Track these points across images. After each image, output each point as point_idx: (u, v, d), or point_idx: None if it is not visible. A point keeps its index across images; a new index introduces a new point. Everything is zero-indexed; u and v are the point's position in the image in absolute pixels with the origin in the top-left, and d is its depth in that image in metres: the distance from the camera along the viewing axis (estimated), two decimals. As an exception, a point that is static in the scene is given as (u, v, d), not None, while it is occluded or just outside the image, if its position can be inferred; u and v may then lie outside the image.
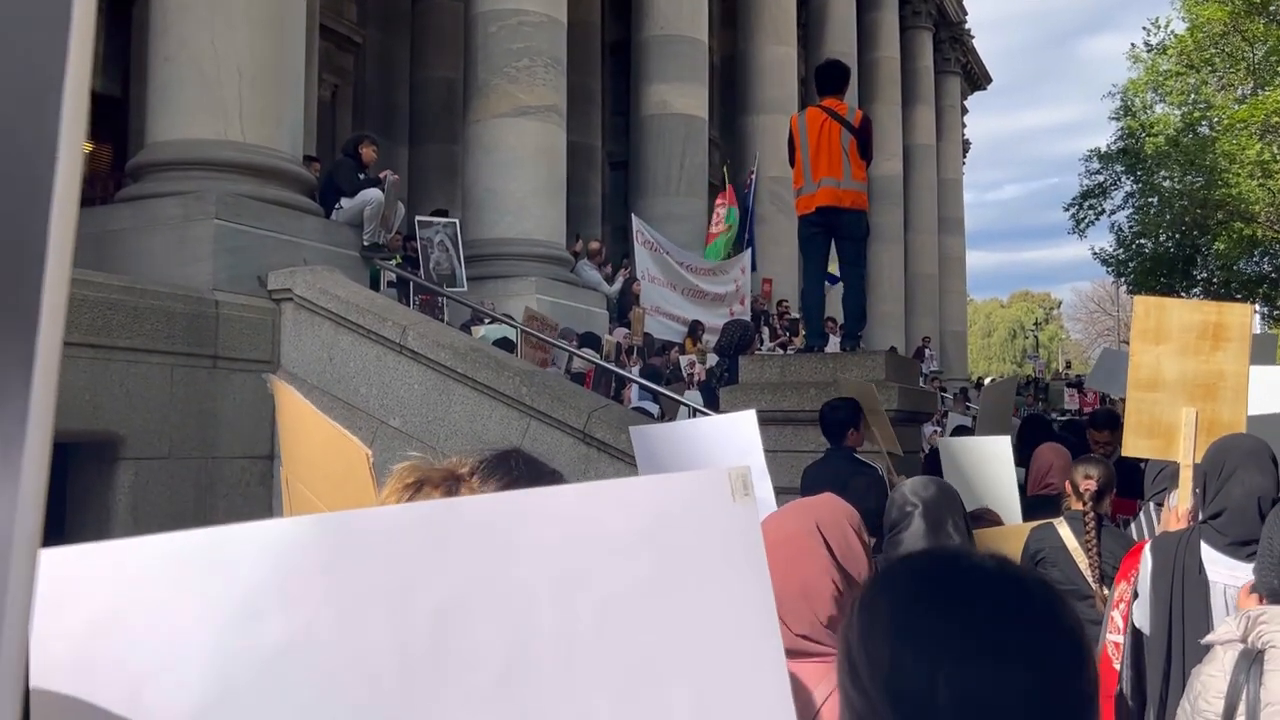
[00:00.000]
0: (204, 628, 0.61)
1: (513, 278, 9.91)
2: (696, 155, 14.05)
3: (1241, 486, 2.68)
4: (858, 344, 6.93)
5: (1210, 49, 24.88)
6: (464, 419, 6.40)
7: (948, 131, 29.56)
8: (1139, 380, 3.48)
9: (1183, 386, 3.40)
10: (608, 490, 0.72)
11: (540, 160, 10.46)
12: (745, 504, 0.75)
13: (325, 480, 1.56)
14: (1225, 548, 2.67)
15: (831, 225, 6.58)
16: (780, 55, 17.42)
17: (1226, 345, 3.39)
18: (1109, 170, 29.30)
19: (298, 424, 1.73)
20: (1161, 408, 3.42)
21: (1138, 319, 3.57)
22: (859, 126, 6.58)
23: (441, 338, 6.68)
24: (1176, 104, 27.17)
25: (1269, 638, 1.55)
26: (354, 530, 0.64)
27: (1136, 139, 27.64)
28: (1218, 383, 3.38)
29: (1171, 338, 3.44)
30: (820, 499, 1.72)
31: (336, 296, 6.68)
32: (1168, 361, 3.43)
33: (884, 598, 0.83)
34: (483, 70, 10.53)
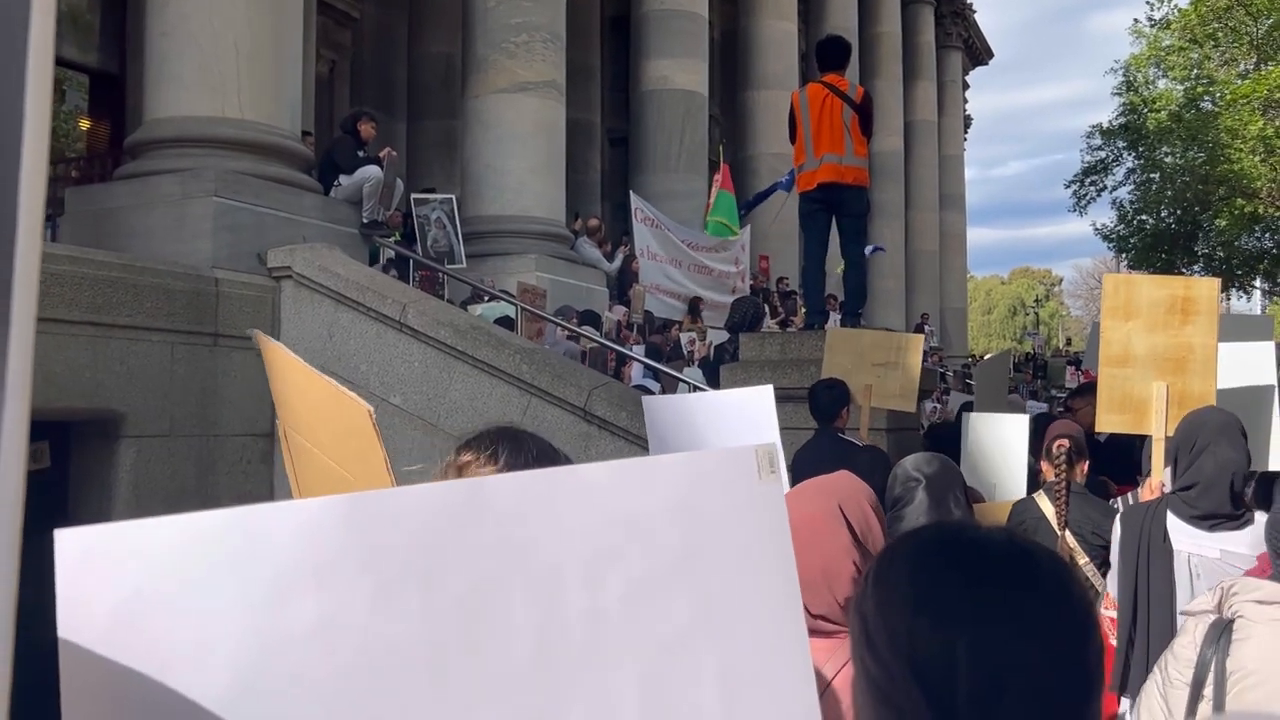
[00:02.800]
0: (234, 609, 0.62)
1: (512, 255, 9.90)
2: (697, 131, 14.01)
3: (1213, 460, 2.72)
4: (858, 321, 6.93)
5: (1213, 23, 24.76)
6: (464, 397, 6.40)
7: (949, 107, 29.43)
8: (1110, 356, 3.52)
9: (1153, 361, 3.43)
10: (636, 468, 0.72)
11: (539, 136, 10.41)
12: (771, 481, 0.75)
13: (330, 436, 1.56)
14: (1190, 519, 2.73)
15: (833, 202, 6.57)
16: (781, 30, 17.32)
17: (1195, 319, 3.42)
18: (1111, 146, 29.21)
19: (288, 377, 1.72)
20: (1132, 383, 3.46)
21: (1107, 296, 3.60)
22: (860, 102, 6.56)
23: (441, 315, 6.67)
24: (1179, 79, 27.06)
25: (1238, 607, 1.58)
26: (385, 510, 0.64)
27: (1138, 115, 27.53)
28: (1187, 356, 3.41)
29: (1141, 314, 3.47)
30: (838, 478, 1.73)
31: (336, 274, 6.67)
32: (1138, 337, 3.46)
33: (898, 571, 0.86)
34: (481, 45, 10.47)
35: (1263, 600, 1.43)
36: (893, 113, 23.03)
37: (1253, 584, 1.50)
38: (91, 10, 10.80)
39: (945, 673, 0.79)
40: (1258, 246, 28.23)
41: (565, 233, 11.01)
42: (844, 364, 5.05)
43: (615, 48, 17.20)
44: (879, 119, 8.83)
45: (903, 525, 2.53)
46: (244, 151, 6.89)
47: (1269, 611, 1.41)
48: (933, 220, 26.80)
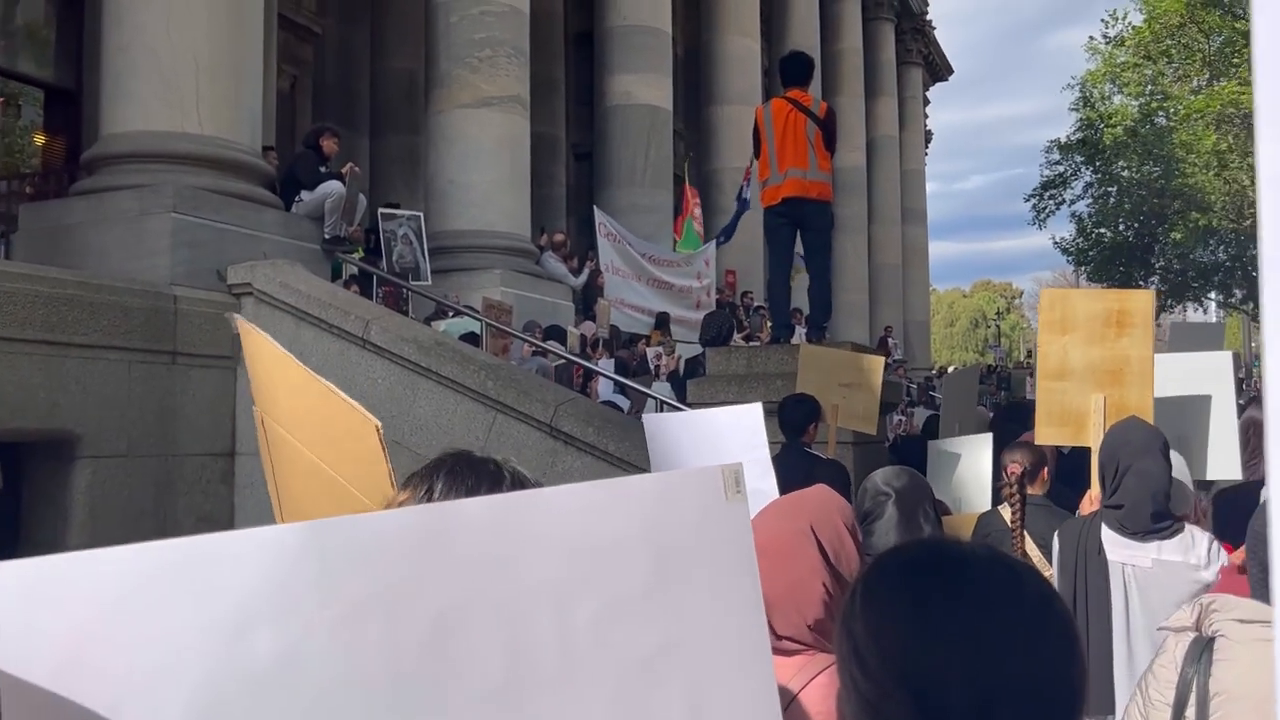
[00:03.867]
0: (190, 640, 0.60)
1: (477, 270, 9.85)
2: (662, 146, 14.05)
3: (1137, 481, 2.78)
4: (823, 335, 6.96)
5: (1167, 40, 25.29)
6: (429, 414, 6.35)
7: (910, 123, 29.76)
8: (1048, 370, 3.57)
9: (1090, 374, 3.48)
10: (603, 491, 0.71)
11: (503, 151, 10.39)
12: (737, 502, 0.75)
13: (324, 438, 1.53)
14: (1123, 532, 2.76)
15: (797, 216, 6.61)
16: (744, 47, 17.44)
17: (1131, 331, 3.48)
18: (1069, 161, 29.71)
19: (276, 370, 1.69)
20: (1070, 395, 3.50)
21: (1043, 311, 3.65)
22: (824, 118, 6.61)
23: (405, 332, 6.62)
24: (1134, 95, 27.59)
25: (1218, 626, 1.58)
26: (348, 538, 0.62)
27: (1095, 130, 28.03)
28: (1123, 368, 3.46)
29: (1077, 327, 3.52)
30: (813, 494, 1.72)
31: (297, 290, 6.60)
32: (1074, 350, 3.51)
33: (887, 588, 0.86)
34: (444, 60, 10.45)
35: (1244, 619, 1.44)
36: (855, 128, 23.25)
37: (1233, 602, 1.51)
38: (48, 25, 10.65)
39: (938, 689, 0.80)
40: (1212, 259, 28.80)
41: (531, 247, 10.99)
42: (815, 381, 5.09)
43: (580, 63, 17.23)
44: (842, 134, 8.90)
45: (873, 540, 2.53)
46: (204, 167, 6.81)
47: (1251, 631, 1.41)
48: (895, 234, 27.05)
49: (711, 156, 17.07)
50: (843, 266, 21.64)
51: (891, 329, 23.50)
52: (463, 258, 9.97)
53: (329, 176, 8.09)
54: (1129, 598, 2.75)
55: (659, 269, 12.85)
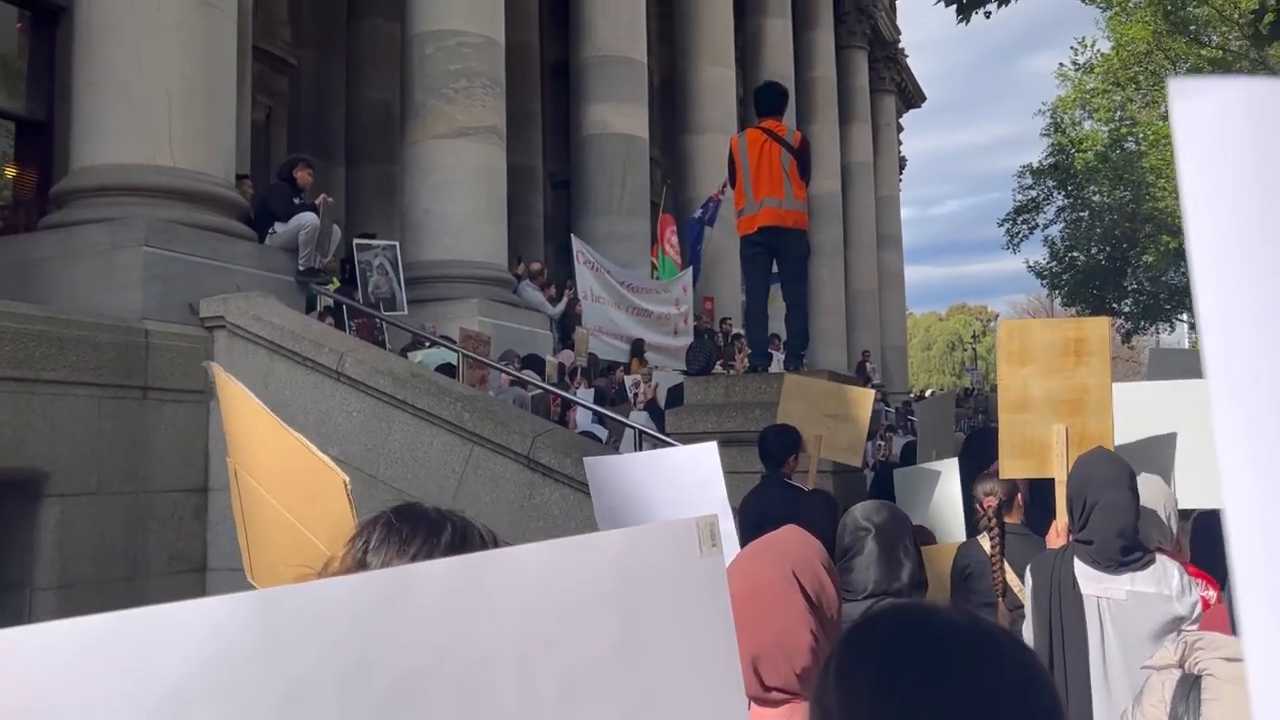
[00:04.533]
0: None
1: (454, 300, 9.82)
2: (638, 175, 14.09)
3: (1104, 517, 2.78)
4: (801, 362, 6.96)
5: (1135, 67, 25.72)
6: (404, 447, 6.29)
7: (884, 149, 30.03)
8: (1008, 403, 3.56)
9: (1050, 404, 3.48)
10: (570, 549, 0.67)
11: (480, 181, 10.39)
12: (712, 555, 0.71)
13: (292, 493, 1.49)
14: (1096, 565, 2.76)
15: (774, 245, 6.63)
16: (718, 76, 17.57)
17: (1088, 360, 3.48)
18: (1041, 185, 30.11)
19: (249, 421, 1.65)
20: (1032, 427, 3.50)
21: (1002, 344, 3.65)
22: (798, 147, 6.64)
23: (380, 364, 6.57)
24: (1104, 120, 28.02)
25: (1205, 664, 1.56)
26: (298, 606, 0.59)
27: (1066, 155, 28.43)
28: (1083, 397, 3.47)
29: (1036, 358, 3.52)
30: (788, 538, 1.69)
31: (271, 323, 6.54)
32: (1034, 381, 3.51)
33: (862, 663, 0.82)
34: (420, 91, 10.45)
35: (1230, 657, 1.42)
36: (830, 155, 23.42)
37: (1219, 640, 1.49)
38: (19, 56, 10.59)
39: None
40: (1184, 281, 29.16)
41: (508, 277, 10.96)
42: (798, 411, 5.06)
43: (556, 93, 17.30)
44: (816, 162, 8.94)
45: (853, 576, 2.51)
46: (176, 200, 6.76)
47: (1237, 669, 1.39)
48: (871, 259, 27.21)
49: (688, 185, 17.14)
50: (819, 292, 21.72)
51: (869, 354, 23.59)
52: (439, 288, 9.93)
53: (303, 208, 8.05)
54: (1104, 631, 2.74)
55: (638, 296, 12.86)
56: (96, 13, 6.79)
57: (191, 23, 6.89)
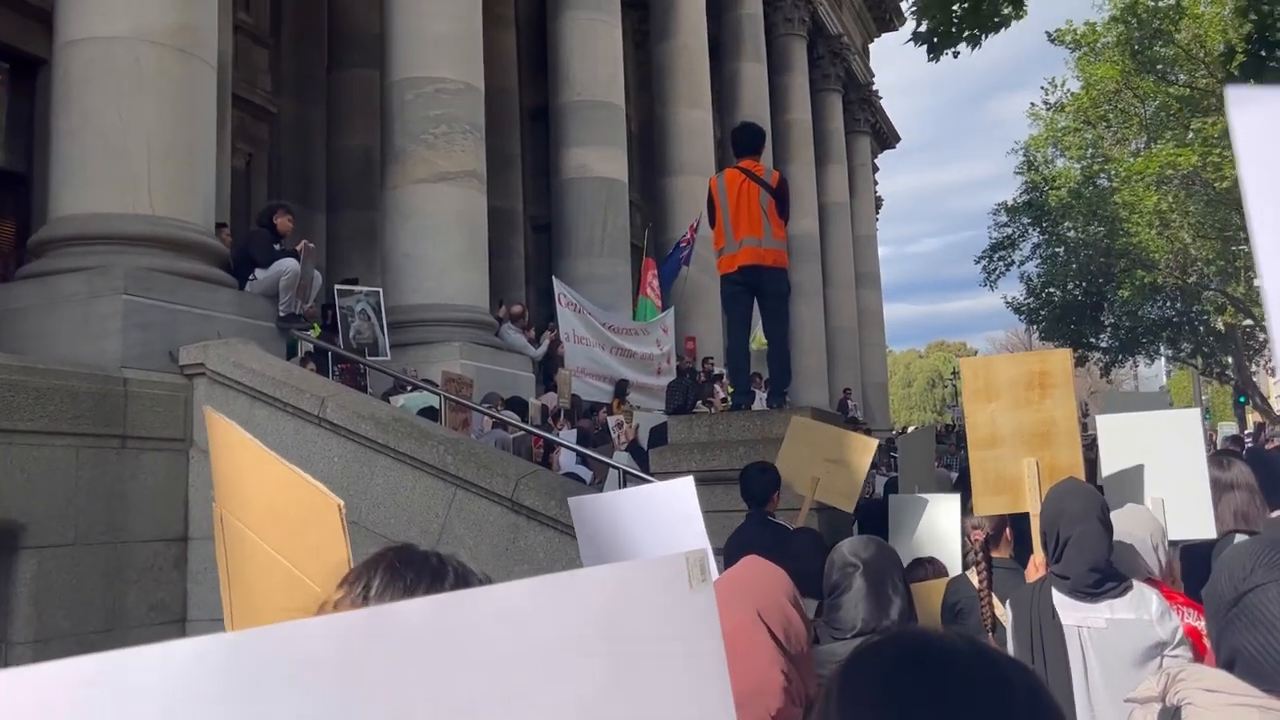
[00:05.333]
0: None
1: (435, 343, 9.79)
2: (618, 217, 14.16)
3: (1077, 551, 2.77)
4: (784, 400, 6.95)
5: (1104, 106, 26.13)
6: (387, 491, 6.23)
7: (860, 189, 30.32)
8: (978, 440, 3.55)
9: (1020, 438, 3.48)
10: (557, 586, 0.65)
11: (461, 225, 10.41)
12: (702, 590, 0.70)
13: (282, 528, 1.45)
14: (1073, 594, 2.78)
15: (754, 283, 6.64)
16: (696, 119, 17.73)
17: (1053, 392, 3.49)
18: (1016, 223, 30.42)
19: (238, 458, 1.62)
20: (1003, 463, 3.49)
21: (966, 382, 3.66)
22: (776, 187, 6.68)
23: (362, 408, 6.52)
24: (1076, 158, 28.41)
25: (1185, 694, 1.55)
26: (273, 648, 0.56)
27: (1040, 192, 28.77)
28: (1051, 429, 3.47)
29: (1001, 393, 3.53)
30: (751, 574, 1.66)
31: (251, 369, 6.50)
32: (1001, 417, 3.51)
33: (864, 694, 0.80)
34: (400, 137, 10.49)
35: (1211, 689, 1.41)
36: (807, 196, 23.62)
37: (1201, 671, 1.48)
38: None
39: None
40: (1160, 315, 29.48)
41: (489, 319, 10.95)
42: (800, 452, 5.05)
43: (536, 137, 17.41)
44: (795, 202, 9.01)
45: (841, 614, 2.48)
46: (156, 248, 6.73)
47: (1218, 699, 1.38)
48: (850, 298, 27.37)
49: (668, 226, 17.22)
50: (800, 331, 21.81)
51: (850, 391, 23.65)
52: (421, 331, 9.91)
53: (283, 254, 8.03)
54: (1086, 660, 2.74)
55: (620, 337, 12.87)
56: (76, 63, 6.80)
57: (171, 72, 6.91)
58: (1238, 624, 1.40)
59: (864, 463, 5.12)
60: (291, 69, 14.80)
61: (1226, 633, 1.41)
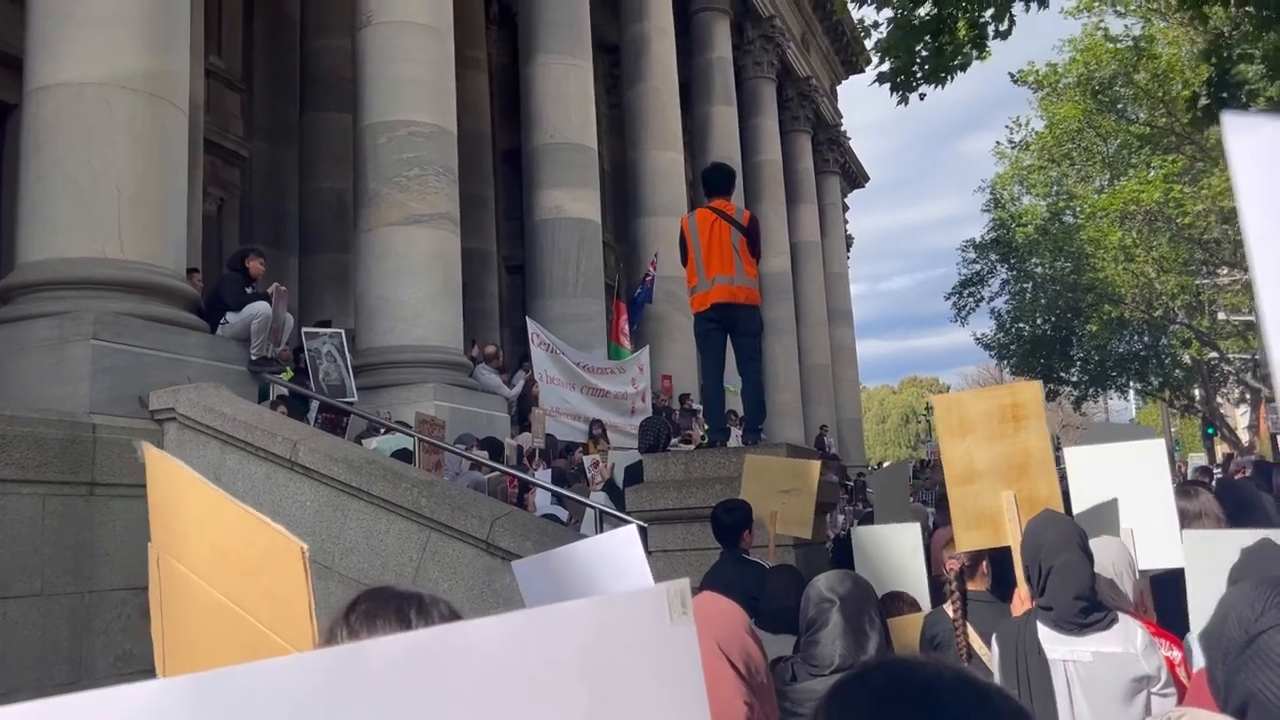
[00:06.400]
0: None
1: (410, 385, 9.73)
2: (592, 257, 14.20)
3: (1061, 580, 2.77)
4: (759, 436, 6.96)
5: (1068, 144, 26.60)
6: (360, 535, 6.16)
7: (831, 228, 30.62)
8: (955, 475, 3.56)
9: (996, 472, 3.49)
10: (535, 620, 0.64)
11: (435, 266, 10.40)
12: (684, 624, 0.68)
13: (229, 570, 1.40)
14: (1059, 629, 2.78)
15: (728, 321, 6.66)
16: (668, 161, 17.89)
17: (1026, 423, 3.50)
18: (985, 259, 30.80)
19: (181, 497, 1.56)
20: (982, 497, 3.50)
21: (940, 419, 3.67)
22: (747, 225, 6.72)
23: (334, 451, 6.46)
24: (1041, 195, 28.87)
25: None
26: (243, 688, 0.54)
27: (1008, 229, 29.16)
28: (1026, 461, 3.48)
29: (975, 428, 3.54)
30: (707, 610, 1.65)
31: (222, 414, 6.43)
32: (978, 451, 3.52)
33: (852, 716, 0.79)
34: (373, 180, 10.50)
35: None
36: (778, 234, 23.81)
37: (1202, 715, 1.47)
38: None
39: None
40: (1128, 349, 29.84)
41: (464, 360, 10.91)
42: (756, 490, 5.06)
43: (509, 179, 17.49)
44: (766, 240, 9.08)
45: (818, 650, 2.45)
46: (126, 292, 6.67)
47: None
48: (823, 335, 27.53)
49: (641, 266, 17.29)
50: (774, 368, 21.90)
51: (826, 428, 23.69)
52: (395, 373, 9.85)
53: (255, 297, 7.98)
54: (1073, 694, 2.73)
55: (593, 377, 12.85)
56: (46, 108, 6.77)
57: (142, 117, 6.89)
58: (1251, 666, 1.38)
59: (811, 486, 5.13)
60: (264, 113, 14.82)
61: (1239, 676, 1.39)
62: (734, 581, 4.27)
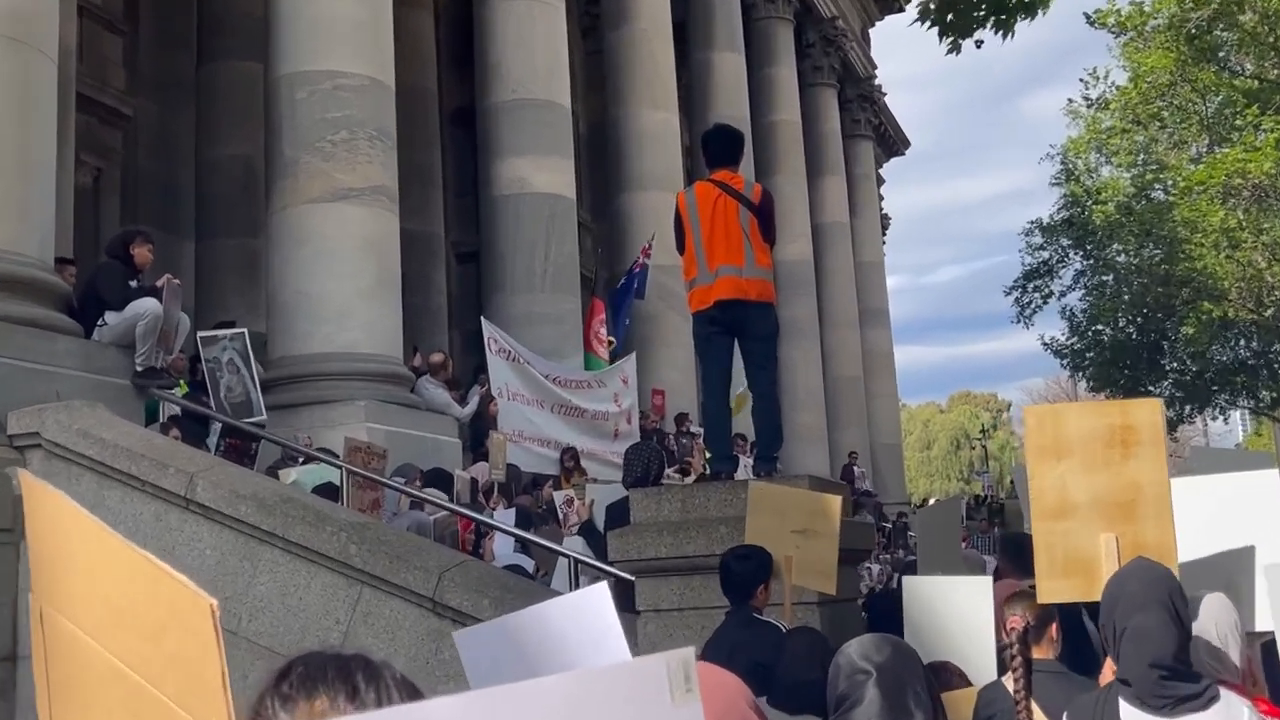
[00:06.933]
0: None
1: (336, 403, 9.72)
2: (564, 242, 14.22)
3: (1134, 646, 2.78)
4: (774, 467, 6.95)
5: (1157, 102, 26.59)
6: (274, 592, 6.15)
7: (863, 206, 30.73)
8: (1044, 509, 3.53)
9: (1096, 508, 3.45)
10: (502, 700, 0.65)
11: (367, 253, 10.40)
12: (688, 704, 0.69)
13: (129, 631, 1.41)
14: (1144, 708, 2.76)
15: (734, 322, 6.67)
16: (659, 122, 17.93)
17: (1138, 450, 3.46)
18: (1054, 245, 30.84)
19: (69, 538, 1.57)
20: (1075, 538, 3.46)
21: (1030, 434, 3.65)
22: (759, 203, 6.73)
23: (241, 486, 6.45)
24: (1124, 165, 28.91)
25: None
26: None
27: (1082, 208, 29.21)
28: (1135, 498, 3.43)
29: (1074, 451, 3.50)
30: (706, 684, 1.66)
31: (100, 439, 6.42)
32: (1074, 480, 3.48)
33: None
34: (289, 146, 10.50)
35: None
36: (798, 214, 23.88)
37: None
38: None
39: None
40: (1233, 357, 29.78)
41: (404, 372, 10.91)
42: (766, 528, 5.01)
43: (461, 146, 17.49)
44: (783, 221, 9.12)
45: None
46: (-22, 286, 6.66)
47: None
48: (853, 339, 27.61)
49: (625, 254, 17.30)
50: (793, 380, 21.94)
51: (857, 455, 23.75)
52: (317, 388, 9.84)
53: (141, 292, 7.97)
54: None
55: (568, 392, 12.86)
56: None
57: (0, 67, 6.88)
58: None
59: (833, 526, 5.11)
60: (152, 61, 14.79)
61: None
62: (741, 645, 4.26)
